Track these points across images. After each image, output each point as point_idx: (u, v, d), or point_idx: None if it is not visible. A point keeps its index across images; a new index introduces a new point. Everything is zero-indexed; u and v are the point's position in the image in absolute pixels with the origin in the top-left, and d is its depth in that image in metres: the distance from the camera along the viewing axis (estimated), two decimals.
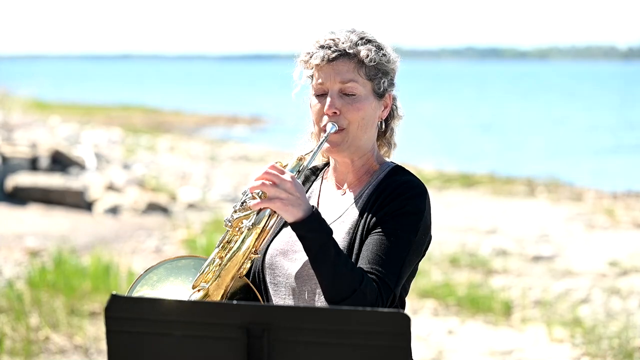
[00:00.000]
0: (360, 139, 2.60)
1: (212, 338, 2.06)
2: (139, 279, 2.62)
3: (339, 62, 2.57)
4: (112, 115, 33.97)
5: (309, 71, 2.63)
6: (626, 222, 13.08)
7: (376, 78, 2.60)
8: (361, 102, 2.58)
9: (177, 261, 2.66)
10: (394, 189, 2.54)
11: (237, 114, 37.91)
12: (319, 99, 2.61)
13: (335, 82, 2.57)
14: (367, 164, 2.66)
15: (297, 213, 2.40)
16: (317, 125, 2.62)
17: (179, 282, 2.61)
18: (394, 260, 2.48)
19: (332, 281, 2.39)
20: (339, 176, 2.69)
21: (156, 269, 2.64)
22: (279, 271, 2.61)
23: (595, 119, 37.83)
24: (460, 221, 12.90)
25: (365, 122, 2.59)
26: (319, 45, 2.59)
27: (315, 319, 2.04)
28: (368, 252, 2.48)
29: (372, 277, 2.44)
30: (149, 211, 12.61)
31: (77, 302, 7.50)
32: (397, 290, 2.50)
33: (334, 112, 2.57)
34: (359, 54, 2.57)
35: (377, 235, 2.50)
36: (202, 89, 73.53)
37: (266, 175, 2.41)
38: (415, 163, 20.41)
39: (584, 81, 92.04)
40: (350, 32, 2.60)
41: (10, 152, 13.53)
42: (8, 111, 19.54)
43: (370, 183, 2.63)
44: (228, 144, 25.40)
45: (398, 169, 2.64)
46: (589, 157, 23.98)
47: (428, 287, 8.72)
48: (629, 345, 7.11)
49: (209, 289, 2.48)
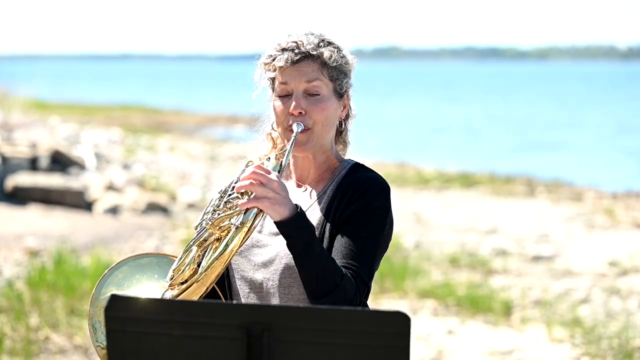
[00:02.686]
0: (324, 138, 2.67)
1: (212, 338, 2.06)
2: (104, 278, 2.63)
3: (303, 64, 2.63)
4: (112, 115, 33.97)
5: (271, 73, 2.69)
6: (626, 222, 13.09)
7: (338, 79, 2.67)
8: (325, 102, 2.65)
9: (139, 259, 2.69)
10: (359, 186, 2.61)
11: (237, 114, 37.92)
12: (283, 100, 2.66)
13: (301, 82, 2.63)
14: (327, 160, 2.72)
15: (283, 212, 2.45)
16: (281, 125, 2.68)
17: (146, 279, 2.64)
18: (366, 255, 2.55)
19: (317, 277, 2.45)
20: (299, 172, 2.75)
21: (120, 267, 2.66)
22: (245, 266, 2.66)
23: (596, 119, 37.82)
24: (460, 221, 12.90)
25: (329, 122, 2.67)
26: (281, 47, 2.65)
27: (315, 319, 2.04)
28: (341, 247, 2.55)
29: (349, 272, 2.51)
30: (149, 211, 12.61)
31: (77, 302, 7.50)
32: (370, 284, 2.57)
33: (300, 112, 2.63)
34: (322, 55, 2.64)
35: (348, 231, 2.56)
36: (202, 89, 73.52)
37: (254, 175, 2.46)
38: (415, 163, 20.42)
39: (584, 81, 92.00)
40: (310, 35, 2.67)
41: (10, 152, 13.53)
42: (8, 111, 19.53)
43: (332, 179, 2.69)
44: (228, 144, 25.40)
45: (359, 165, 2.71)
46: (589, 157, 23.99)
47: (428, 287, 8.73)
48: (629, 345, 7.12)
49: (190, 288, 2.50)
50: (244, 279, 2.67)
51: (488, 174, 18.39)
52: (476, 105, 48.77)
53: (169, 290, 2.54)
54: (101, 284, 2.62)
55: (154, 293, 2.57)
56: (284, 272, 2.59)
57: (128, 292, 2.61)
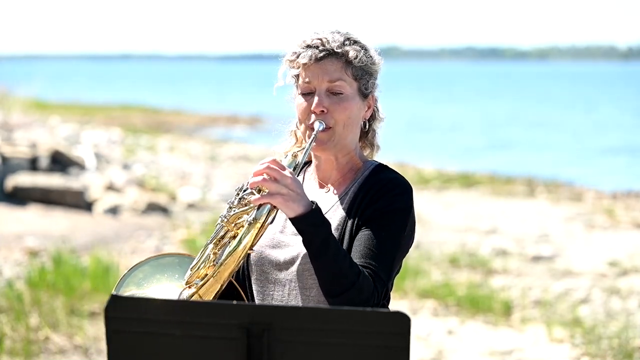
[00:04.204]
0: (346, 138, 2.64)
1: (212, 338, 2.06)
2: (124, 277, 2.62)
3: (326, 62, 2.60)
4: (112, 115, 33.96)
5: (295, 70, 2.65)
6: (626, 222, 13.09)
7: (362, 78, 2.64)
8: (348, 102, 2.61)
9: (161, 258, 2.67)
10: (382, 187, 2.58)
11: (237, 114, 37.91)
12: (306, 98, 2.63)
13: (323, 81, 2.60)
14: (351, 161, 2.69)
15: (297, 208, 2.41)
16: (304, 123, 2.64)
17: (165, 279, 2.62)
18: (386, 255, 2.51)
19: (332, 275, 2.42)
20: (322, 174, 2.71)
21: (141, 266, 2.64)
22: (267, 266, 2.63)
23: (595, 118, 37.82)
24: (460, 221, 12.90)
25: (351, 122, 2.63)
26: (306, 44, 2.61)
27: (315, 319, 2.04)
28: (360, 247, 2.52)
29: (367, 271, 2.47)
30: (149, 211, 12.61)
31: (77, 302, 7.50)
32: (389, 284, 2.54)
33: (321, 111, 2.59)
34: (347, 54, 2.60)
35: (368, 231, 2.53)
36: (202, 89, 73.52)
37: (267, 170, 2.43)
38: (415, 163, 20.41)
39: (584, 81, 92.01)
40: (336, 33, 2.63)
41: (10, 152, 13.52)
42: (8, 111, 19.52)
43: (355, 180, 2.66)
44: (228, 144, 25.40)
45: (382, 166, 2.68)
46: (589, 157, 23.98)
47: (428, 287, 8.72)
48: (629, 345, 7.11)
49: (205, 286, 2.49)
50: (266, 280, 2.64)
51: (488, 174, 18.39)
52: (476, 105, 48.76)
53: (186, 289, 2.52)
54: (121, 284, 2.61)
55: (172, 292, 2.55)
56: (305, 273, 2.56)
57: (147, 291, 2.59)
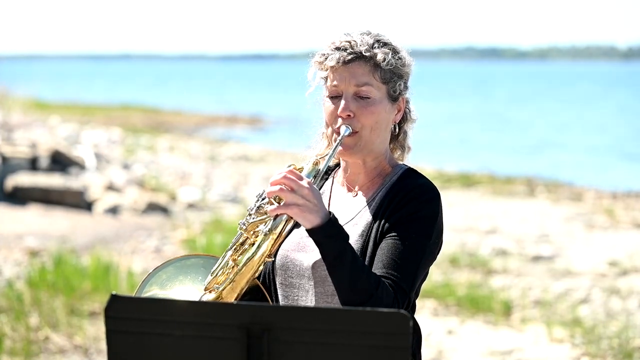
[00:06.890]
0: (373, 143, 2.59)
1: (212, 338, 2.06)
2: (148, 278, 2.62)
3: (354, 65, 2.55)
4: (112, 115, 33.95)
5: (323, 73, 2.60)
6: (626, 222, 13.09)
7: (391, 81, 2.59)
8: (375, 106, 2.56)
9: (185, 259, 2.66)
10: (408, 192, 2.53)
11: (237, 114, 37.91)
12: (333, 101, 2.58)
13: (350, 85, 2.55)
14: (379, 166, 2.64)
15: (314, 220, 2.38)
16: (331, 126, 2.60)
17: (188, 281, 2.60)
18: (409, 264, 2.46)
19: (349, 286, 2.38)
20: (350, 177, 2.67)
21: (165, 267, 2.63)
22: (291, 271, 2.60)
23: (595, 119, 37.82)
24: (460, 221, 12.89)
25: (379, 126, 2.58)
26: (335, 47, 2.57)
27: (315, 319, 2.04)
28: (383, 256, 2.47)
29: (388, 282, 2.43)
30: (149, 211, 12.61)
31: (77, 302, 7.50)
32: (412, 294, 2.49)
33: (348, 115, 2.55)
34: (375, 57, 2.55)
35: (392, 239, 2.48)
36: (202, 89, 73.50)
37: (284, 180, 2.39)
38: (415, 163, 20.40)
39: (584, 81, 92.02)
40: (365, 35, 2.58)
41: (10, 152, 13.53)
42: (8, 111, 19.54)
43: (383, 185, 2.61)
44: (228, 144, 25.40)
45: (411, 171, 2.63)
46: (589, 157, 23.98)
47: (428, 287, 8.72)
48: (629, 345, 7.12)
49: (223, 292, 2.48)
50: (291, 285, 2.60)
51: (488, 174, 18.38)
52: (476, 105, 48.76)
53: (206, 294, 2.51)
54: (144, 284, 2.60)
55: (194, 295, 2.55)
56: (328, 279, 2.50)
57: (170, 292, 2.58)
